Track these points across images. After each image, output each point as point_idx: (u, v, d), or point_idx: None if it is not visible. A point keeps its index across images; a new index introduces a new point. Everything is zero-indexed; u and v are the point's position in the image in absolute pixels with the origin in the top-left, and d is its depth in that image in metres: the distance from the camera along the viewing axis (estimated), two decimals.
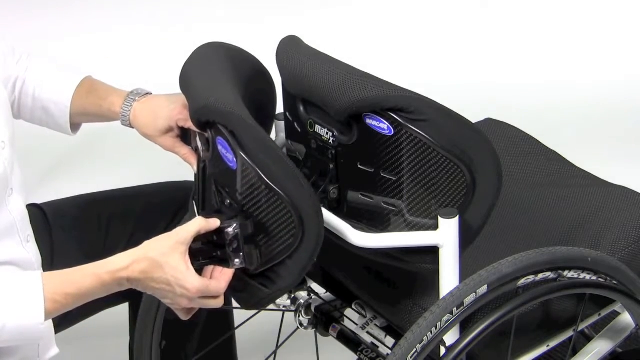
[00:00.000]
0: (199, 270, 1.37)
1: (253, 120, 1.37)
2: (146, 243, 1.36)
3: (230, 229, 1.36)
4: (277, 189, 1.33)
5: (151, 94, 1.68)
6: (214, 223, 1.36)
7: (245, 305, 1.47)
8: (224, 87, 1.46)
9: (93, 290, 1.35)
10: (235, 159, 1.36)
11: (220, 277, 1.38)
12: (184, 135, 1.64)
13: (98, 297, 1.37)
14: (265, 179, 1.34)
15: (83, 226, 1.73)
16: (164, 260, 1.34)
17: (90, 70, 1.75)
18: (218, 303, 1.39)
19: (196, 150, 1.56)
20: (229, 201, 1.40)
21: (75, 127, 1.74)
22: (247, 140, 1.36)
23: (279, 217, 1.35)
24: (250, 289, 1.41)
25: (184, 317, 1.44)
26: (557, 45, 3.42)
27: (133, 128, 1.67)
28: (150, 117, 1.64)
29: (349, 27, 3.43)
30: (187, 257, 1.35)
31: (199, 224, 1.36)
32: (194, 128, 1.53)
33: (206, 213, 1.43)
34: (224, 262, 1.38)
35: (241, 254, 1.37)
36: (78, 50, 3.34)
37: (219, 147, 1.40)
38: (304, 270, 1.38)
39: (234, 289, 1.42)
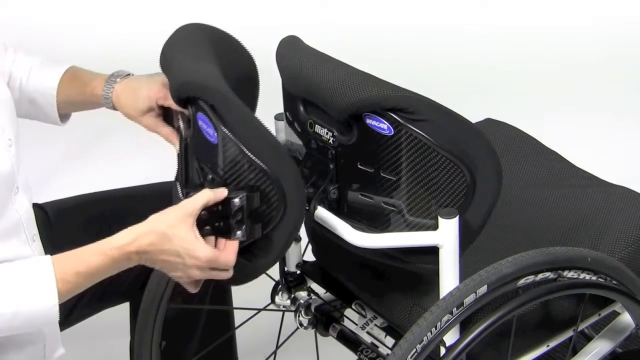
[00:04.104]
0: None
1: (233, 94, 1.37)
2: (152, 217, 1.37)
3: (237, 199, 1.35)
4: (258, 161, 1.34)
5: (132, 74, 1.69)
6: (222, 193, 1.36)
7: (231, 282, 1.46)
8: (204, 63, 1.46)
9: (102, 268, 1.36)
10: (215, 134, 1.37)
11: (228, 249, 1.38)
12: (167, 115, 1.64)
13: (109, 274, 1.37)
14: (247, 152, 1.34)
15: (84, 226, 1.73)
16: (172, 232, 1.34)
17: (80, 61, 1.75)
18: (228, 275, 1.40)
19: (178, 129, 1.56)
20: (210, 176, 1.40)
21: (64, 117, 1.74)
22: (227, 114, 1.36)
23: (261, 190, 1.35)
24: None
25: (192, 289, 1.44)
26: (558, 45, 3.42)
27: (116, 110, 1.68)
28: (131, 97, 1.64)
29: (349, 27, 3.42)
30: (195, 228, 1.35)
31: (207, 196, 1.35)
32: (173, 106, 1.54)
33: (189, 188, 1.42)
34: (226, 233, 1.37)
35: (244, 226, 1.37)
36: (66, 38, 3.34)
37: (199, 123, 1.41)
38: (287, 243, 1.40)
39: None
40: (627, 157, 2.98)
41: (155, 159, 2.79)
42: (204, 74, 1.42)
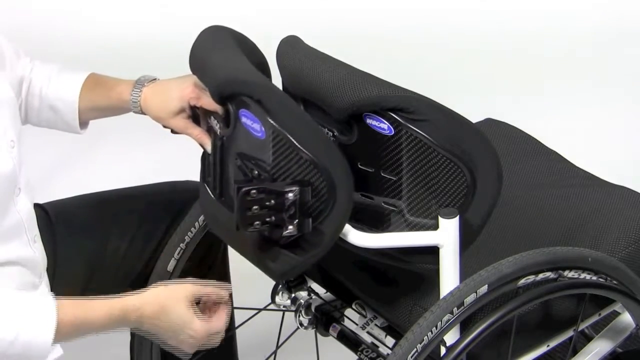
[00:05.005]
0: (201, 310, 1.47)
1: (279, 89, 1.39)
2: (156, 289, 1.44)
3: (290, 194, 1.35)
4: (308, 153, 1.34)
5: (158, 79, 1.69)
6: (226, 292, 1.49)
7: (276, 276, 1.48)
8: (241, 60, 1.46)
9: (100, 321, 1.40)
10: (263, 129, 1.36)
11: (219, 315, 1.48)
12: (194, 117, 1.64)
13: (101, 331, 1.41)
14: (297, 144, 1.34)
15: (86, 225, 1.73)
16: (171, 307, 1.42)
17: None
18: (219, 339, 1.49)
19: (209, 130, 1.56)
20: (256, 172, 1.40)
21: (83, 124, 1.74)
22: (276, 108, 1.36)
23: (311, 183, 1.36)
24: (283, 258, 1.41)
25: (189, 352, 1.50)
26: (558, 45, 3.42)
27: (144, 114, 1.68)
28: (162, 100, 1.64)
29: (349, 27, 3.42)
30: (193, 307, 1.45)
31: (209, 289, 1.47)
32: (206, 106, 1.54)
33: (239, 183, 1.40)
34: (277, 227, 1.37)
35: (296, 221, 1.36)
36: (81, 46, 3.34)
37: (243, 120, 1.40)
38: (335, 236, 1.39)
39: (267, 259, 1.44)
40: (627, 157, 2.98)
41: (155, 158, 2.80)
42: (245, 70, 1.42)
